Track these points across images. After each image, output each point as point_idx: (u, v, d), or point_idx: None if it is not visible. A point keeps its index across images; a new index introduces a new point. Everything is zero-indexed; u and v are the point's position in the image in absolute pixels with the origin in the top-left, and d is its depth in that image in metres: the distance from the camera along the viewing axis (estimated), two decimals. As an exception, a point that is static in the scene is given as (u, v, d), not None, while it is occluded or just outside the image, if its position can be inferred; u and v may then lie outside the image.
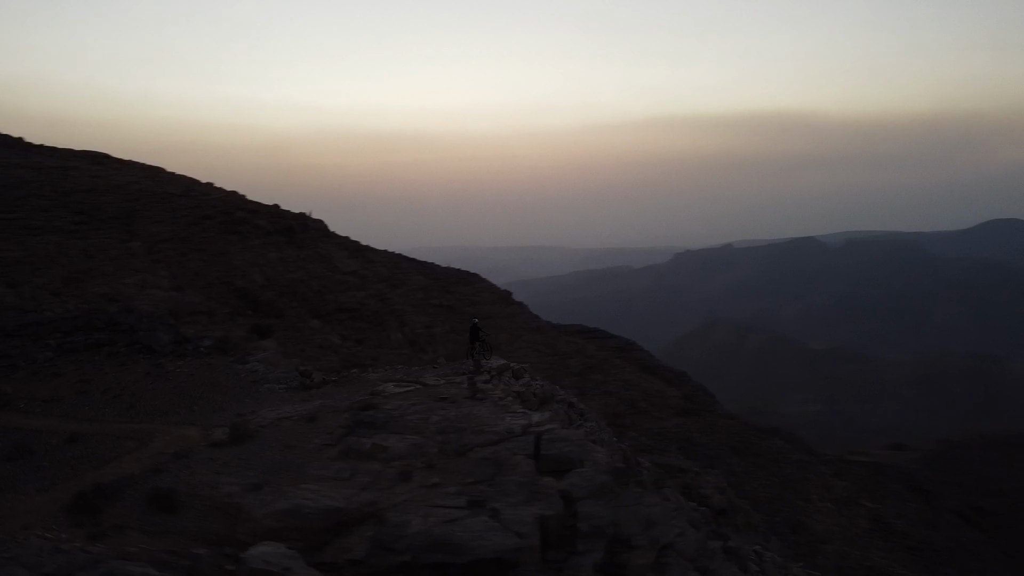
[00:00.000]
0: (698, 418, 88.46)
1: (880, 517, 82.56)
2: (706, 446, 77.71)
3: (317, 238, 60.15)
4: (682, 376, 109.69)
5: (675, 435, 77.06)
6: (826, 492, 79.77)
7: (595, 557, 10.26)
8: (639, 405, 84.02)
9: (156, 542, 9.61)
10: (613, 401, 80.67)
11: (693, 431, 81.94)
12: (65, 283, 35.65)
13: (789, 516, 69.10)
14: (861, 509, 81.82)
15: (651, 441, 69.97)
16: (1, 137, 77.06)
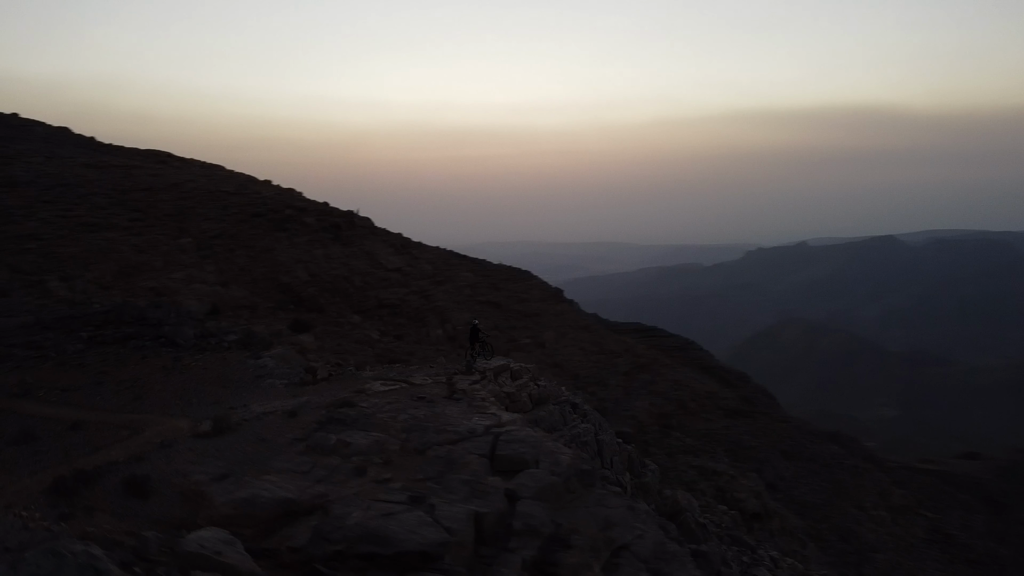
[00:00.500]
0: (750, 420, 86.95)
1: (940, 528, 79.71)
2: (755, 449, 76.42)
3: (363, 235, 61.60)
4: (742, 377, 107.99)
5: (723, 437, 76.00)
6: (882, 500, 77.44)
7: (526, 554, 10.59)
8: (688, 406, 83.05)
9: (119, 524, 10.38)
10: (660, 401, 79.98)
11: (743, 433, 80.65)
12: (115, 277, 37.69)
13: (839, 523, 67.41)
14: (919, 519, 79.13)
15: (696, 443, 69.24)
16: (73, 137, 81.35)
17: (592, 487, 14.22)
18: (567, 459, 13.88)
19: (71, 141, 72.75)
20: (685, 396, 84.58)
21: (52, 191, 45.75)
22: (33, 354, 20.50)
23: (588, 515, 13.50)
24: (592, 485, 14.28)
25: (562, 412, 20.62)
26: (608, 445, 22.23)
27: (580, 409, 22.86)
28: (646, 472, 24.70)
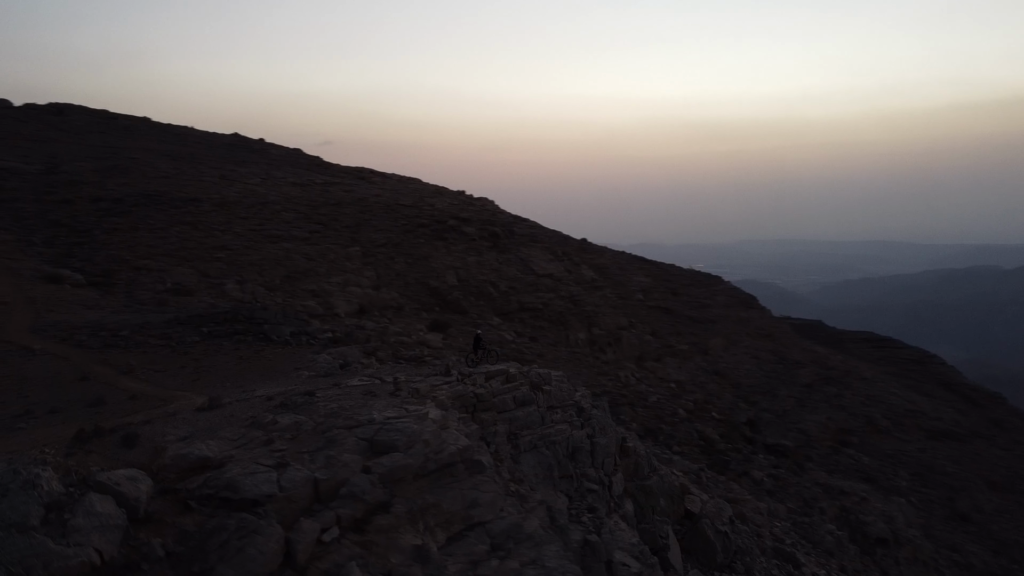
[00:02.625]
0: (959, 444, 79.30)
1: None
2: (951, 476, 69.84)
3: (522, 243, 65.99)
4: (994, 398, 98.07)
5: (912, 460, 70.42)
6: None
7: (343, 512, 13.84)
8: (878, 423, 77.68)
9: (98, 463, 15.20)
10: (842, 416, 75.77)
11: (942, 458, 73.95)
12: (283, 281, 45.49)
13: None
14: None
15: (874, 462, 65.18)
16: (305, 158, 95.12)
17: (479, 474, 16.89)
18: (454, 449, 16.67)
19: (293, 161, 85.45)
20: (877, 413, 79.08)
21: (252, 208, 55.59)
22: (161, 343, 27.06)
23: (457, 495, 16.28)
24: (480, 473, 16.93)
25: (541, 414, 22.96)
26: (604, 448, 24.06)
27: (586, 414, 24.88)
28: (653, 476, 25.96)
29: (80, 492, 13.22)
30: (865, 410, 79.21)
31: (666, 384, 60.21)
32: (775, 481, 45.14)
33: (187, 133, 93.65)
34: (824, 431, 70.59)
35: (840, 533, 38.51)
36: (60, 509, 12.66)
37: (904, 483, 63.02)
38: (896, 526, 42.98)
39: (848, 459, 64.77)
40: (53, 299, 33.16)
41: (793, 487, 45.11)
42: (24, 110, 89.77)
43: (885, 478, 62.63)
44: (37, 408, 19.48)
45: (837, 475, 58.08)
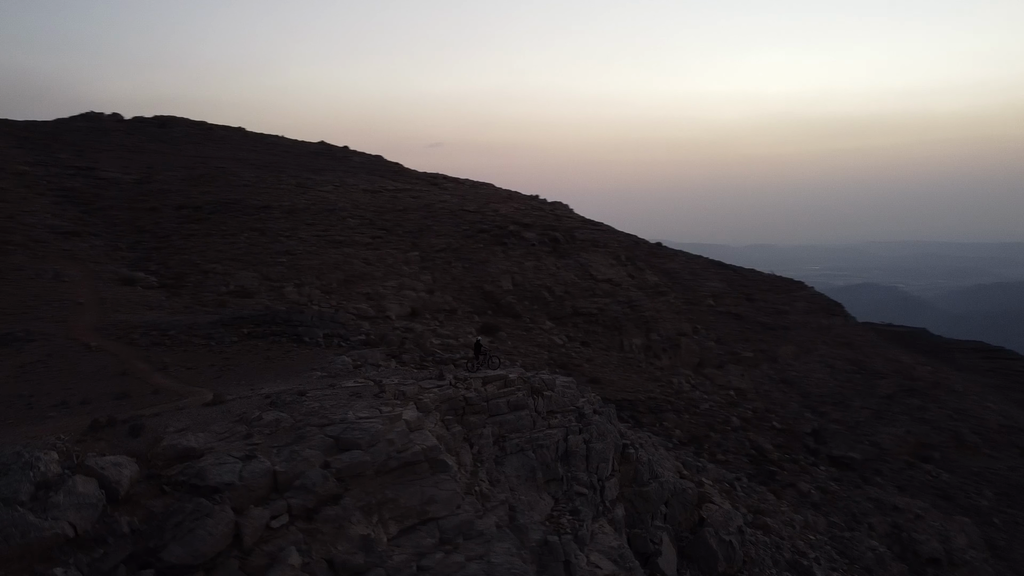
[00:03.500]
0: (1058, 464, 74.61)
1: None
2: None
3: (582, 248, 66.50)
4: None
5: (1000, 478, 66.71)
6: None
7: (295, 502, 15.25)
8: (965, 439, 73.96)
9: (103, 449, 17.26)
10: (925, 429, 72.49)
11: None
12: (340, 285, 47.95)
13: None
14: None
15: (955, 479, 62.24)
16: (384, 164, 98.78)
17: (441, 473, 18.01)
18: (418, 448, 17.84)
19: (370, 168, 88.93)
20: (965, 427, 75.21)
21: (319, 215, 58.66)
22: (202, 343, 29.53)
23: (416, 491, 17.46)
24: (443, 472, 18.03)
25: (533, 419, 23.75)
26: (599, 453, 24.59)
27: (586, 419, 25.49)
28: (652, 483, 26.20)
29: (71, 474, 15.13)
30: (952, 424, 75.30)
31: (725, 391, 59.36)
32: (823, 494, 44.02)
33: (277, 142, 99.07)
34: (901, 444, 67.67)
35: (883, 550, 37.32)
36: (48, 488, 14.55)
37: (986, 503, 59.70)
38: (952, 546, 41.12)
39: (924, 475, 61.99)
40: (122, 300, 36.49)
41: (843, 501, 43.85)
42: (132, 123, 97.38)
43: (965, 496, 59.54)
44: (72, 399, 21.93)
45: (907, 491, 55.89)
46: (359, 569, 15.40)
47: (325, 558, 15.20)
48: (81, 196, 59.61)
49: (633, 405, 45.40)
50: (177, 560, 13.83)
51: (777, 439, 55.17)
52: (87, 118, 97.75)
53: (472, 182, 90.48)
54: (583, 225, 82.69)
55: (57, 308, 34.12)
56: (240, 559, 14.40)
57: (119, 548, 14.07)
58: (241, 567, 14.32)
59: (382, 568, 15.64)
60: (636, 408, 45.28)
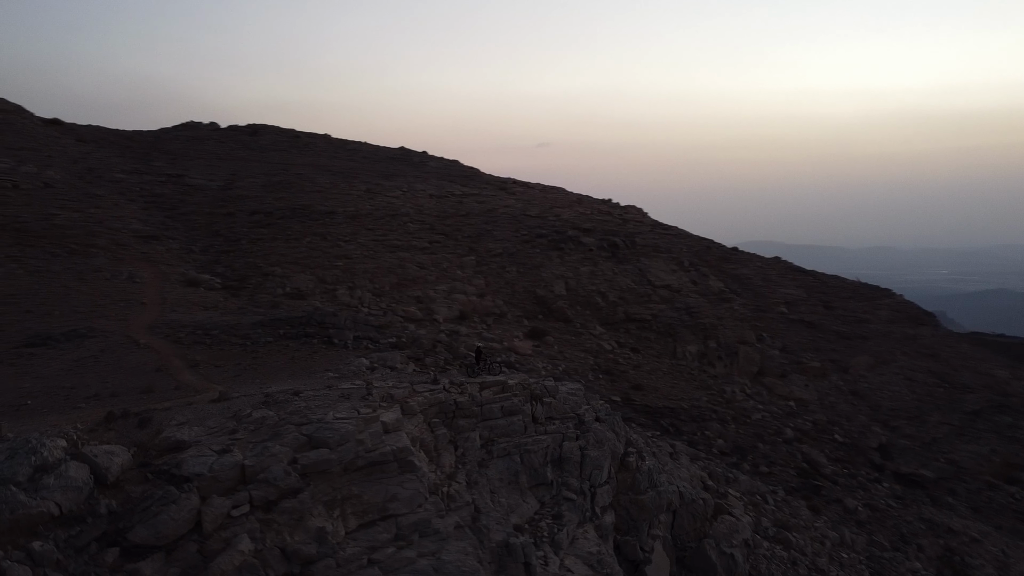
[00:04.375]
0: None
1: None
2: None
3: (643, 253, 66.20)
4: None
5: (1094, 504, 62.36)
6: None
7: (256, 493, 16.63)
8: (1061, 461, 69.43)
9: (111, 439, 19.27)
10: (1015, 449, 68.40)
11: None
12: (392, 288, 49.90)
13: None
14: None
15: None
16: (460, 168, 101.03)
17: (409, 473, 19.07)
18: (388, 449, 18.93)
19: (444, 174, 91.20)
20: (1062, 450, 70.50)
21: (381, 220, 60.97)
22: (240, 342, 31.73)
23: (380, 489, 18.59)
24: (410, 472, 19.08)
25: (525, 423, 24.38)
26: (593, 460, 24.96)
27: (585, 427, 25.91)
28: (649, 491, 26.28)
29: (68, 460, 17.05)
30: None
31: (784, 402, 57.89)
32: (872, 511, 42.46)
33: (358, 148, 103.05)
34: (983, 464, 64.08)
35: (926, 573, 35.80)
36: (45, 471, 16.46)
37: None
38: (1011, 574, 38.94)
39: (1006, 497, 58.54)
40: (182, 300, 39.47)
41: (893, 520, 42.17)
42: (226, 131, 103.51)
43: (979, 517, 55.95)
44: (104, 392, 24.29)
45: (983, 513, 53.14)
46: (310, 559, 16.67)
47: (279, 546, 16.53)
48: (168, 202, 64.27)
49: (675, 413, 45.15)
50: (141, 540, 15.44)
51: (837, 453, 53.48)
52: (187, 127, 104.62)
53: (543, 186, 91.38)
54: (651, 230, 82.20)
55: (123, 307, 37.31)
56: (199, 543, 15.89)
57: (95, 527, 15.81)
58: (199, 550, 15.81)
59: (332, 559, 16.85)
60: (677, 416, 45.02)
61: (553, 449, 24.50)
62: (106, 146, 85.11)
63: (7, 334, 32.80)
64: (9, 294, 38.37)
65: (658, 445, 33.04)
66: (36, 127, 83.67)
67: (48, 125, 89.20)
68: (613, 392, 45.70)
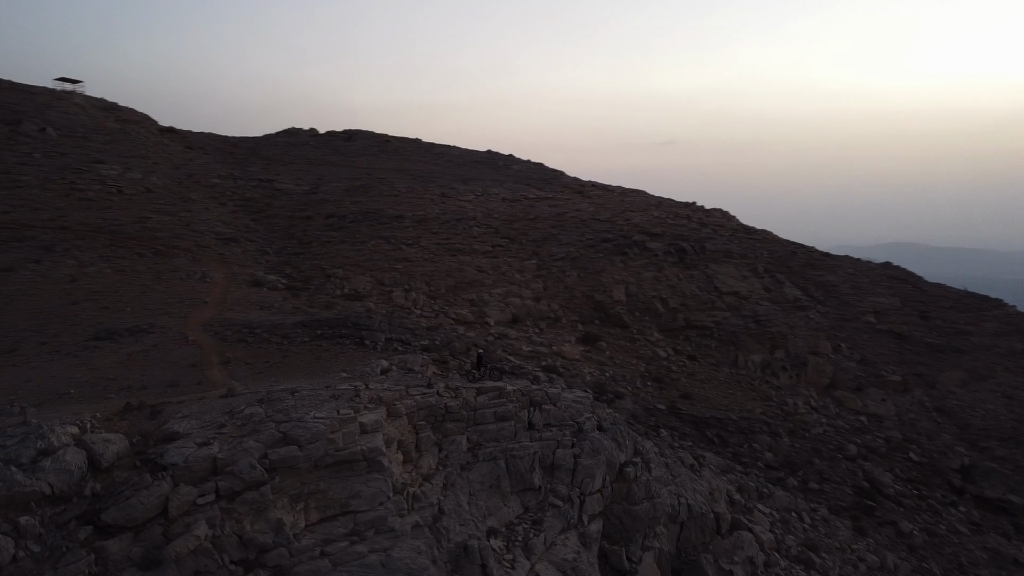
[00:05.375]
0: None
1: None
2: None
3: (712, 259, 64.82)
4: None
5: None
6: None
7: (223, 485, 18.11)
8: None
9: (122, 428, 21.40)
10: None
11: None
12: (447, 291, 51.35)
13: None
14: None
15: None
16: (543, 171, 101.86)
17: (376, 472, 20.12)
18: (357, 449, 20.04)
19: (524, 177, 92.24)
20: None
21: (447, 224, 62.61)
22: (278, 341, 33.83)
23: (346, 486, 19.72)
24: (377, 471, 20.13)
25: (515, 430, 24.85)
26: (586, 468, 25.12)
27: (584, 435, 26.10)
28: (644, 502, 26.11)
29: (69, 446, 19.12)
30: None
31: (855, 416, 55.35)
32: (929, 537, 40.19)
33: (446, 152, 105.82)
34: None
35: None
36: (46, 455, 18.56)
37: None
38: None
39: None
40: (242, 300, 42.30)
41: (952, 547, 39.75)
42: (323, 137, 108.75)
43: None
44: (136, 384, 26.72)
45: None
46: (266, 547, 18.00)
47: (237, 534, 17.94)
48: (255, 205, 68.53)
49: (722, 423, 44.27)
50: (112, 521, 17.17)
51: (909, 473, 50.76)
52: (288, 133, 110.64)
53: (623, 190, 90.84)
54: (732, 234, 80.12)
55: (187, 306, 40.43)
56: (164, 527, 17.50)
57: (77, 507, 17.70)
58: (163, 533, 17.41)
59: (286, 548, 18.12)
60: (724, 427, 44.12)
61: (545, 455, 24.94)
62: (211, 152, 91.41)
63: (81, 328, 36.34)
64: (93, 291, 42.34)
65: (679, 456, 32.72)
66: (151, 135, 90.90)
67: (163, 133, 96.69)
68: (659, 400, 45.32)
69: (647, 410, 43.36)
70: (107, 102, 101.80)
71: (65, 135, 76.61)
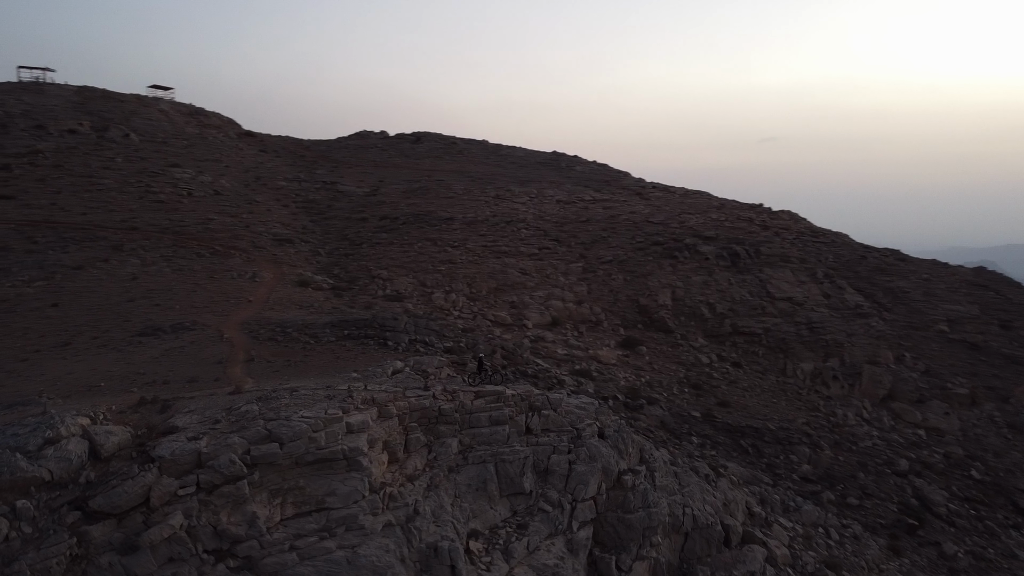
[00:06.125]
0: None
1: None
2: None
3: (768, 263, 63.05)
4: None
5: None
6: None
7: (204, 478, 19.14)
8: None
9: (132, 420, 22.91)
10: None
11: None
12: (488, 292, 51.92)
13: None
14: None
15: None
16: (608, 173, 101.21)
17: (355, 471, 20.85)
18: (337, 448, 20.79)
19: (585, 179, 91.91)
20: None
21: (496, 227, 63.19)
22: (306, 340, 35.15)
23: (324, 483, 20.52)
24: (356, 470, 20.87)
25: (508, 434, 25.07)
26: (580, 475, 25.09)
27: (581, 442, 26.11)
28: (638, 511, 25.83)
29: (75, 436, 20.66)
30: None
31: (912, 430, 52.77)
32: (976, 560, 38.10)
33: (510, 153, 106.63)
34: None
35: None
36: (51, 444, 20.12)
37: None
38: None
39: None
40: (284, 299, 44.10)
41: (1000, 572, 37.56)
42: (392, 139, 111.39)
43: None
44: (159, 379, 28.40)
45: None
46: (238, 539, 18.99)
47: (212, 524, 18.99)
48: (316, 207, 71.03)
49: (758, 433, 43.19)
50: (99, 508, 18.47)
51: (968, 491, 48.13)
52: (359, 136, 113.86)
53: (685, 191, 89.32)
54: (796, 237, 77.58)
55: (232, 304, 42.47)
56: (145, 515, 18.71)
57: (71, 493, 19.13)
58: (144, 521, 18.62)
59: (257, 541, 19.06)
60: (761, 436, 43.03)
61: (539, 460, 25.16)
62: (283, 155, 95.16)
63: (132, 324, 38.75)
64: (150, 289, 44.99)
65: (694, 466, 32.24)
66: (228, 140, 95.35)
67: (241, 137, 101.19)
68: (695, 407, 44.62)
69: (679, 417, 42.77)
70: (193, 107, 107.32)
71: (147, 140, 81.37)
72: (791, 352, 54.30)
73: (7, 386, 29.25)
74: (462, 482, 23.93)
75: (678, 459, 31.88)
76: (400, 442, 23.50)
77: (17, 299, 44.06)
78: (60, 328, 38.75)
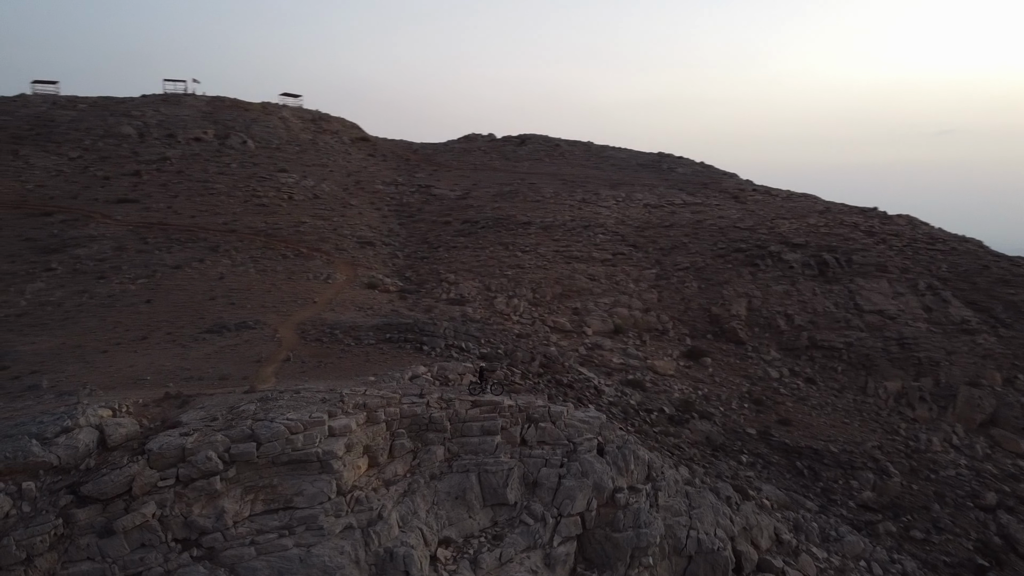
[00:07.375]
0: None
1: None
2: None
3: (860, 272, 59.25)
4: None
5: None
6: None
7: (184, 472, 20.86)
8: None
9: (150, 413, 25.24)
10: None
11: None
12: (552, 299, 51.99)
13: None
14: None
15: None
16: (711, 174, 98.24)
17: (326, 473, 21.97)
18: (312, 451, 21.93)
19: (683, 181, 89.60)
20: None
21: (572, 231, 62.95)
22: (348, 342, 36.87)
23: (295, 483, 21.73)
24: (327, 472, 21.97)
25: (496, 444, 25.21)
26: (568, 490, 24.86)
27: (576, 456, 25.89)
28: (628, 531, 25.21)
29: (88, 426, 23.06)
30: None
31: (1014, 460, 47.97)
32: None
33: (612, 155, 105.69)
34: None
35: None
36: (66, 432, 22.57)
37: None
38: None
39: None
40: (347, 301, 46.31)
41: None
42: (497, 142, 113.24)
43: None
44: (195, 375, 30.85)
45: None
46: (205, 530, 20.55)
47: (184, 515, 20.67)
48: (407, 211, 73.67)
49: (818, 455, 40.94)
50: (87, 494, 20.56)
51: (1071, 532, 43.39)
52: (466, 139, 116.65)
53: (789, 194, 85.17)
54: (907, 245, 72.21)
55: (298, 304, 45.10)
56: (127, 502, 20.64)
57: (71, 479, 21.39)
58: (125, 508, 20.55)
59: (221, 533, 20.54)
60: (821, 459, 40.77)
61: (528, 473, 25.40)
62: (390, 159, 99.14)
63: (204, 321, 42.06)
64: (230, 288, 48.54)
65: (716, 486, 31.21)
66: (340, 145, 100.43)
67: (355, 142, 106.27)
68: (752, 424, 42.93)
69: (732, 433, 41.31)
70: (318, 113, 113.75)
71: (262, 146, 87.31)
72: (875, 369, 50.88)
73: (76, 376, 32.68)
74: (442, 490, 24.54)
75: (696, 479, 30.98)
76: (384, 447, 24.41)
77: (120, 295, 48.79)
78: (145, 323, 42.60)
